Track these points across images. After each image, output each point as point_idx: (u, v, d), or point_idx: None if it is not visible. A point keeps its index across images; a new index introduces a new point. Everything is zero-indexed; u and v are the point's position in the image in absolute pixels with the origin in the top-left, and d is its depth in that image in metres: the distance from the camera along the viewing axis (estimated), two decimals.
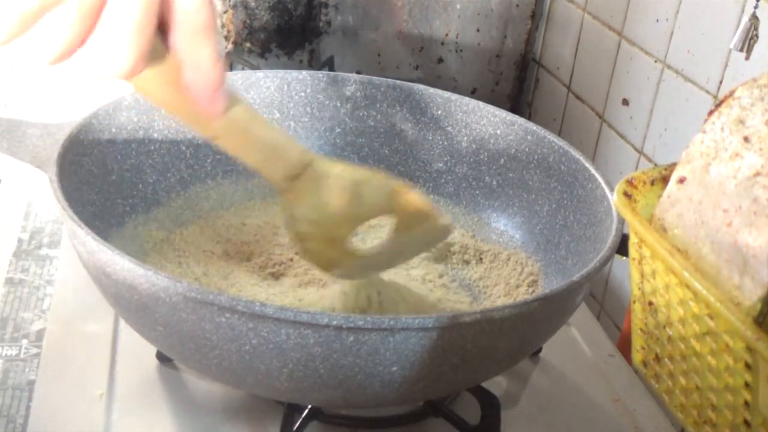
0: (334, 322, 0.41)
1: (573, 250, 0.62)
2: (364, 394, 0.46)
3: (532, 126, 0.68)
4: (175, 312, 0.44)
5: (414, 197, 0.54)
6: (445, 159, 0.73)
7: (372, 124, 0.74)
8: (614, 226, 0.55)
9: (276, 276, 0.64)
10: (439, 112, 0.73)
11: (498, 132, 0.70)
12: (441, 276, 0.67)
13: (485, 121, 0.71)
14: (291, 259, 0.65)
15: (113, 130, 0.61)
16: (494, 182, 0.71)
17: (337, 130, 0.74)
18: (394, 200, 0.53)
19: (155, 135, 0.65)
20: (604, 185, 0.60)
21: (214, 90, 0.39)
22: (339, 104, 0.74)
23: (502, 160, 0.70)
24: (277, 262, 0.65)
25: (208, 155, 0.70)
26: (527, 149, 0.68)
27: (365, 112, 0.74)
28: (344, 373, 0.44)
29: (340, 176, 0.51)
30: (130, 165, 0.63)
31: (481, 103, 0.71)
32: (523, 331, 0.48)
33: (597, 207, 0.60)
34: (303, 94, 0.73)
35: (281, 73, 0.72)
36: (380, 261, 0.57)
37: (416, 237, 0.56)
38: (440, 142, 0.73)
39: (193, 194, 0.68)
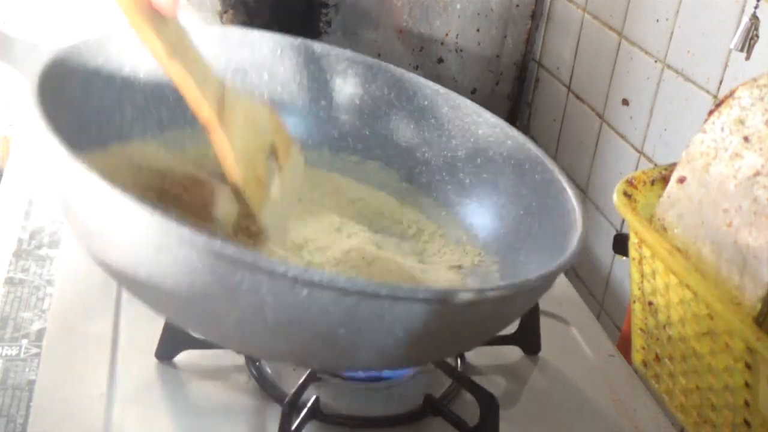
0: (291, 273, 0.40)
1: (534, 260, 0.61)
2: (306, 351, 0.46)
3: (513, 131, 0.68)
4: (138, 239, 0.43)
5: (278, 116, 0.61)
6: (423, 149, 0.73)
7: (357, 103, 0.74)
8: (577, 238, 0.54)
9: None
10: (426, 102, 0.72)
11: (480, 132, 0.70)
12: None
13: (469, 120, 0.71)
14: None
15: (100, 60, 0.61)
16: (468, 180, 0.71)
17: (322, 102, 0.74)
18: (272, 120, 0.60)
19: (141, 74, 0.64)
20: (573, 199, 0.59)
21: None
22: (329, 78, 0.73)
23: (479, 159, 0.70)
24: None
25: None
26: (505, 153, 0.68)
27: (353, 91, 0.74)
28: (291, 328, 0.43)
29: (240, 100, 0.56)
30: (112, 97, 0.62)
31: (468, 101, 0.71)
32: (453, 324, 0.48)
33: (564, 219, 0.59)
34: (295, 61, 0.73)
35: (277, 36, 0.72)
36: (284, 201, 0.60)
37: (291, 168, 0.62)
38: (421, 133, 0.73)
39: (169, 139, 0.67)
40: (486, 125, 0.70)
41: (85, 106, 0.59)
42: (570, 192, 0.60)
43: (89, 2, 0.96)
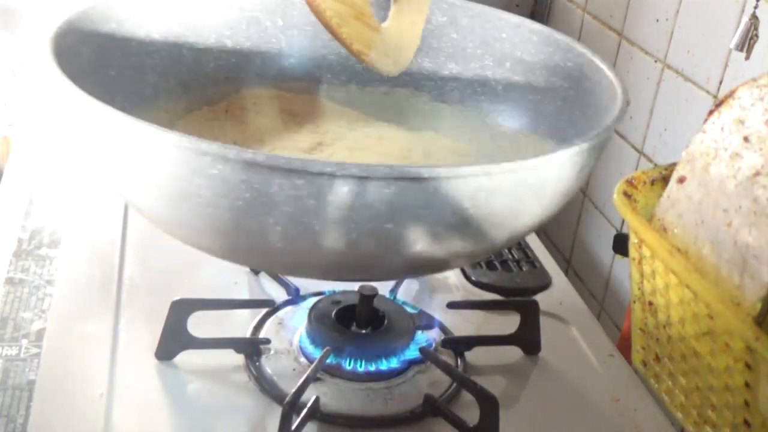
0: (328, 170, 0.39)
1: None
2: (362, 259, 0.45)
3: (537, 26, 0.67)
4: (166, 167, 0.43)
5: None
6: (450, 66, 0.72)
7: None
8: (618, 105, 0.53)
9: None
10: (444, 18, 0.71)
11: (503, 35, 0.69)
12: None
13: (490, 25, 0.69)
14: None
15: (113, 24, 0.61)
16: (500, 87, 0.70)
17: None
18: None
19: (156, 36, 0.65)
20: (610, 75, 0.58)
21: None
22: None
23: (508, 63, 0.69)
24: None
25: (209, 60, 0.69)
26: (533, 50, 0.67)
27: None
28: (339, 231, 0.42)
29: None
30: (131, 63, 0.63)
31: (486, 7, 0.70)
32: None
33: (602, 96, 0.58)
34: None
35: None
36: (400, 32, 0.59)
37: None
38: (445, 49, 0.72)
39: (194, 99, 0.67)
40: (508, 27, 0.68)
41: (104, 74, 0.59)
42: (605, 69, 0.59)
43: None
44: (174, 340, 0.60)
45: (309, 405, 0.55)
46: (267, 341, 0.62)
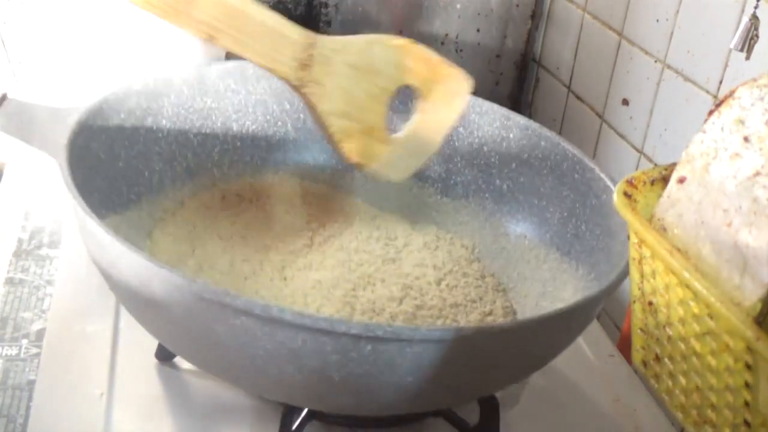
0: (353, 331, 0.40)
1: (584, 261, 0.61)
2: (376, 401, 0.46)
3: (546, 131, 0.67)
4: (188, 312, 0.43)
5: (422, 49, 0.54)
6: (456, 160, 0.72)
7: None
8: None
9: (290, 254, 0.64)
10: None
11: (511, 135, 0.69)
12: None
13: (498, 124, 0.69)
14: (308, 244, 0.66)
15: (122, 115, 0.61)
16: (504, 186, 0.70)
17: None
18: (405, 58, 0.53)
19: (164, 121, 0.65)
20: None
21: None
22: None
23: (514, 164, 0.69)
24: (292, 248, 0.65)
25: (215, 144, 0.69)
26: (540, 155, 0.67)
27: None
28: (358, 382, 0.43)
29: (347, 51, 0.51)
30: (138, 152, 0.62)
31: (495, 105, 0.70)
32: (535, 344, 0.48)
33: (611, 218, 0.58)
34: None
35: None
36: (417, 143, 0.57)
37: (439, 102, 0.57)
38: (451, 143, 0.72)
39: (198, 184, 0.67)
40: (517, 128, 0.68)
41: (112, 167, 0.59)
42: (614, 188, 0.59)
43: (101, 58, 0.93)
44: None
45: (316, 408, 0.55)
46: None
